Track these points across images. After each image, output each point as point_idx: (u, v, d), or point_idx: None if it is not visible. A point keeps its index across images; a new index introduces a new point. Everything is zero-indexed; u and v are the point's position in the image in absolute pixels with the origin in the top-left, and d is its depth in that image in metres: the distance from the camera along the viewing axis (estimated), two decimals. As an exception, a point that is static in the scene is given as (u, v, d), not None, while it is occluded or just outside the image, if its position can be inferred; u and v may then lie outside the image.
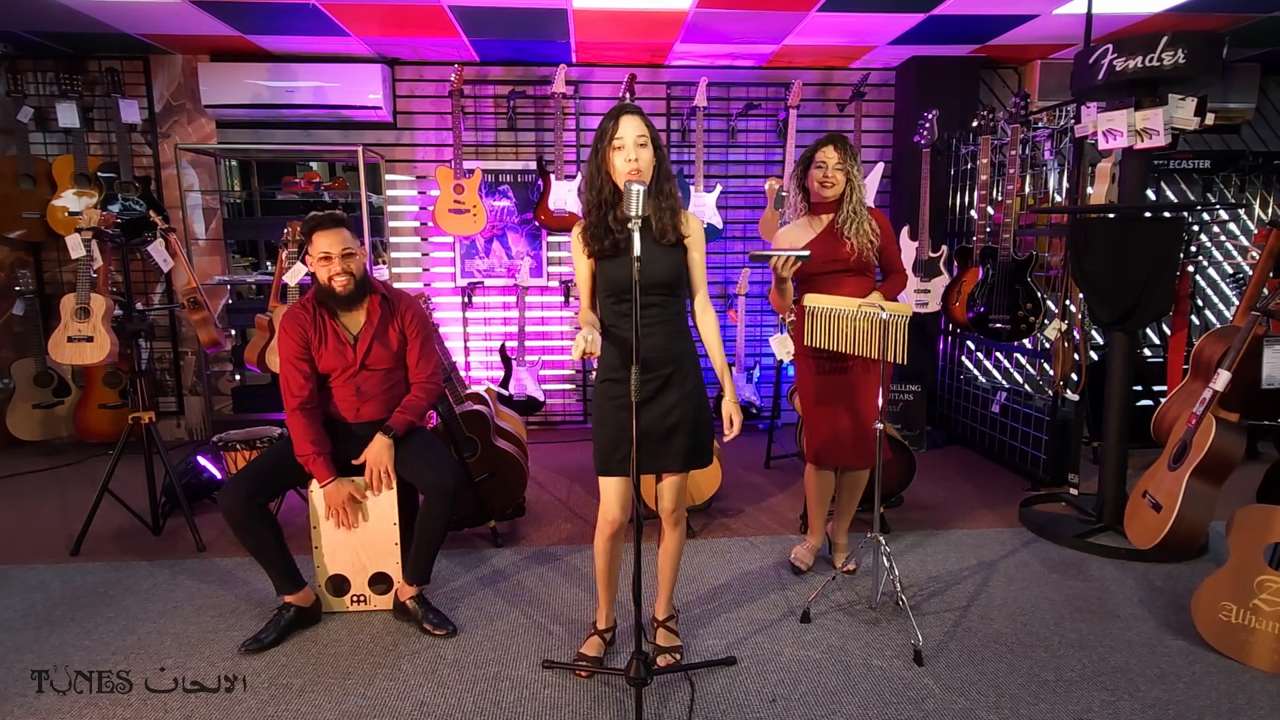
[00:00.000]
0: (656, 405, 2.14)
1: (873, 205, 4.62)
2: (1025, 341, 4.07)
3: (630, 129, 2.02)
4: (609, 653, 2.37)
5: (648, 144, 2.03)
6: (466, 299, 4.98)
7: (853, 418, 2.73)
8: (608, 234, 2.09)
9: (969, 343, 4.88)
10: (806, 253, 2.37)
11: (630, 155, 2.01)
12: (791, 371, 3.51)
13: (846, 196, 2.66)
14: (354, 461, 2.54)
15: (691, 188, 4.62)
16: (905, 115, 4.85)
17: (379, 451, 2.50)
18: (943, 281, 4.47)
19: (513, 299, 4.94)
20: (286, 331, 2.51)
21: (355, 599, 2.64)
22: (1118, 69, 2.91)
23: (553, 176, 4.56)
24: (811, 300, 2.48)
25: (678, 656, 2.30)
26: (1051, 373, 3.86)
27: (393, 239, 4.93)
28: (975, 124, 4.17)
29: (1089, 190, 3.58)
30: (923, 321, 4.73)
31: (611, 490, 2.18)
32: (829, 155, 2.63)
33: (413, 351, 2.63)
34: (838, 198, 2.66)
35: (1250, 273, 3.26)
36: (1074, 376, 3.76)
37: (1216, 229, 5.14)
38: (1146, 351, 4.73)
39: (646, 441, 2.12)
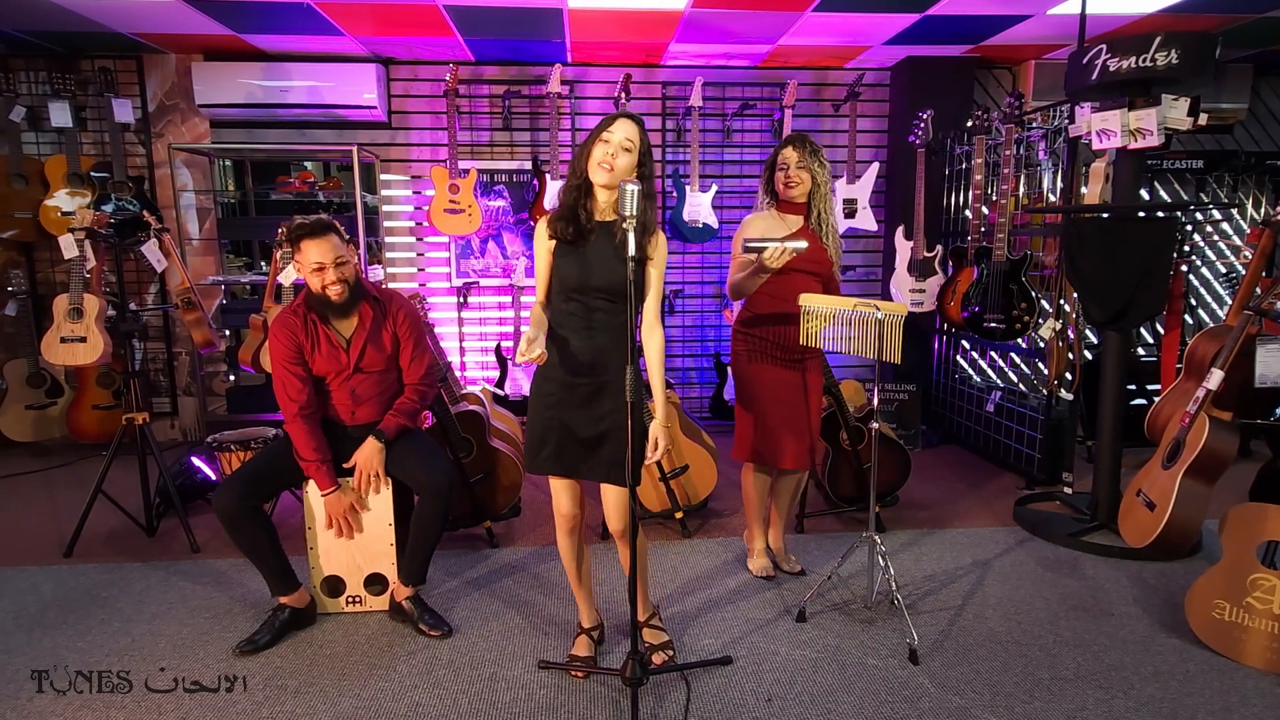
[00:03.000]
0: (587, 410, 2.12)
1: (868, 205, 4.71)
2: (1020, 341, 4.08)
3: (621, 130, 2.02)
4: (604, 652, 2.37)
5: (633, 150, 2.03)
6: (462, 299, 4.97)
7: (787, 415, 2.71)
8: (574, 219, 2.08)
9: (964, 342, 4.89)
10: (803, 244, 2.35)
11: (610, 151, 2.01)
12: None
13: (814, 196, 2.64)
14: (346, 465, 2.53)
15: (687, 187, 4.62)
16: (900, 115, 4.86)
17: (369, 455, 2.49)
18: (938, 281, 4.49)
19: (508, 299, 4.94)
20: (277, 338, 2.49)
21: (350, 600, 2.63)
22: (1111, 69, 2.92)
23: (548, 176, 4.56)
24: (807, 300, 2.48)
25: (670, 653, 2.31)
26: (1046, 372, 3.87)
27: (388, 239, 4.91)
28: (970, 124, 4.18)
29: (1083, 190, 3.59)
30: (918, 321, 4.74)
31: (557, 487, 2.19)
32: (789, 155, 2.62)
33: (405, 352, 2.62)
34: (805, 198, 2.65)
35: (1243, 272, 3.28)
36: (1068, 376, 3.78)
37: (1209, 229, 5.16)
38: (1140, 351, 4.75)
39: (572, 444, 2.12)
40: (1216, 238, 5.17)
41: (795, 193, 2.63)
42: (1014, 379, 5.06)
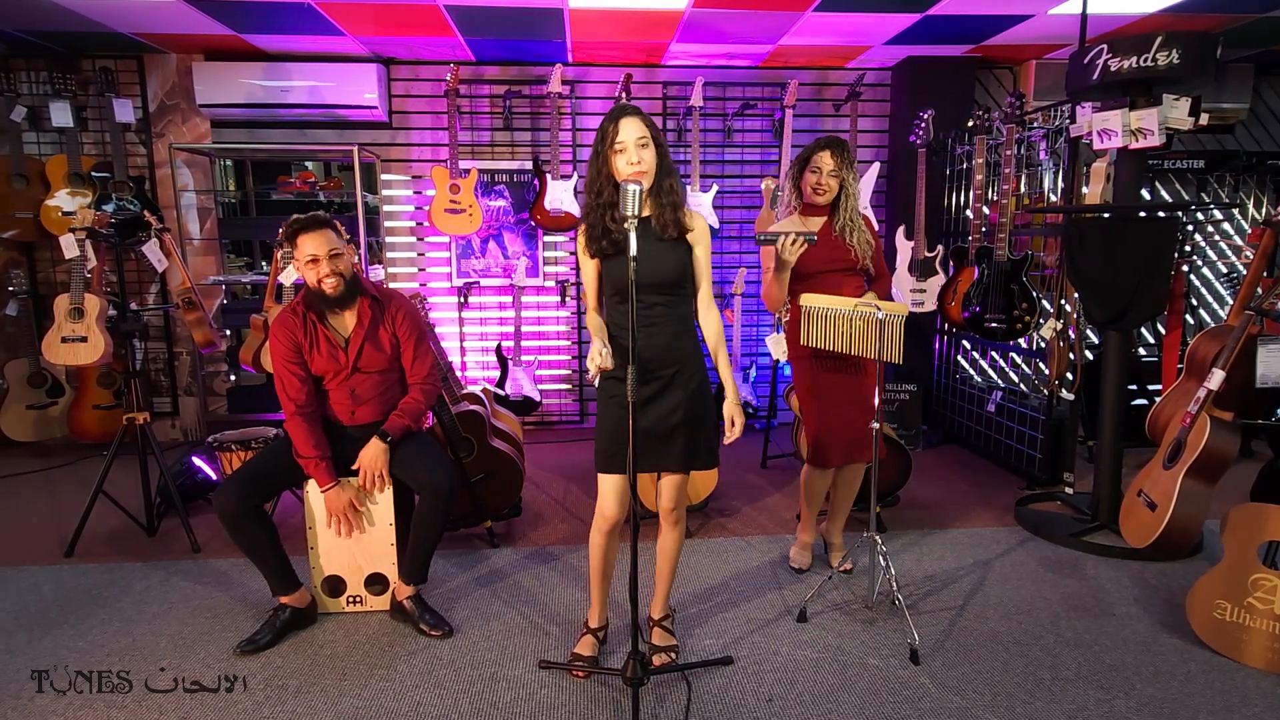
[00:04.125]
0: (659, 405, 2.13)
1: (868, 205, 4.71)
2: (1021, 341, 4.08)
3: (631, 131, 2.01)
4: (604, 652, 2.37)
5: (649, 144, 2.02)
6: (462, 299, 4.98)
7: (850, 415, 2.73)
8: (606, 234, 2.08)
9: (965, 342, 4.89)
10: (814, 234, 2.38)
11: (633, 158, 2.00)
12: (789, 371, 3.51)
13: (841, 203, 2.67)
14: (353, 466, 2.53)
15: (688, 187, 4.62)
16: (901, 115, 4.86)
17: (374, 456, 2.49)
18: (938, 281, 4.48)
19: (509, 299, 4.94)
20: (277, 337, 2.49)
21: (351, 600, 2.63)
22: (1112, 69, 2.92)
23: (549, 176, 4.56)
24: (808, 300, 2.48)
25: (673, 656, 2.30)
26: (1047, 372, 3.87)
27: (388, 239, 4.91)
28: (971, 124, 4.18)
29: (1084, 190, 3.59)
30: (919, 321, 4.74)
31: (609, 487, 2.18)
32: (825, 161, 2.62)
33: (407, 352, 2.61)
34: (830, 203, 2.68)
35: (1244, 272, 3.27)
36: (1069, 376, 3.77)
37: (1210, 229, 5.16)
38: (1141, 351, 4.75)
39: (648, 441, 2.12)
40: (1217, 238, 5.17)
41: (822, 199, 2.66)
42: (1015, 379, 5.05)
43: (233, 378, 4.79)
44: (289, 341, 2.48)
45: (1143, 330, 4.93)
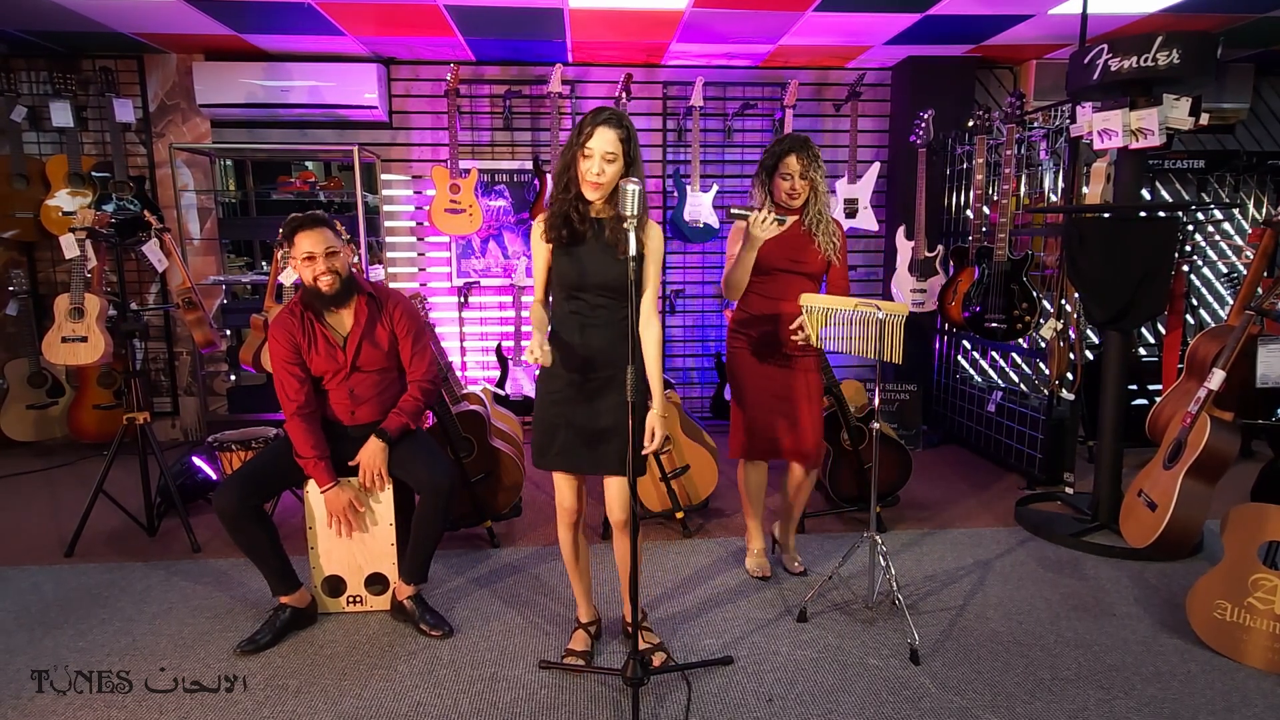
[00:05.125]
0: (591, 406, 2.13)
1: (868, 205, 4.71)
2: (1021, 341, 4.08)
3: (601, 142, 1.98)
4: (604, 651, 2.37)
5: (616, 160, 2.00)
6: (463, 299, 4.97)
7: (785, 411, 2.71)
8: (567, 223, 2.08)
9: (965, 342, 4.89)
10: (786, 218, 2.36)
11: (595, 168, 2.00)
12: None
13: (810, 201, 2.64)
14: (350, 464, 2.53)
15: (688, 187, 4.62)
16: (901, 115, 4.85)
17: (373, 454, 2.49)
18: (939, 281, 4.48)
19: (509, 299, 4.94)
20: (275, 337, 2.50)
21: (351, 600, 2.63)
22: (1113, 69, 2.92)
23: (549, 176, 4.56)
24: (807, 300, 2.48)
25: (665, 654, 2.31)
26: (1047, 372, 3.87)
27: (389, 239, 4.91)
28: (971, 124, 4.18)
29: (1084, 190, 3.58)
30: (919, 321, 4.74)
31: (561, 482, 2.22)
32: (792, 166, 2.56)
33: (405, 350, 2.62)
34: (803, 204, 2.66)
35: (1244, 272, 3.27)
36: (1069, 376, 3.77)
37: (1211, 229, 5.16)
38: (1141, 351, 4.75)
39: (578, 439, 2.13)
40: (1218, 238, 5.17)
41: (797, 203, 2.63)
42: (1015, 379, 5.05)
43: (233, 378, 4.79)
44: (288, 342, 2.49)
45: (1143, 330, 4.93)
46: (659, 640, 2.37)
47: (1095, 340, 4.79)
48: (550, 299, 2.22)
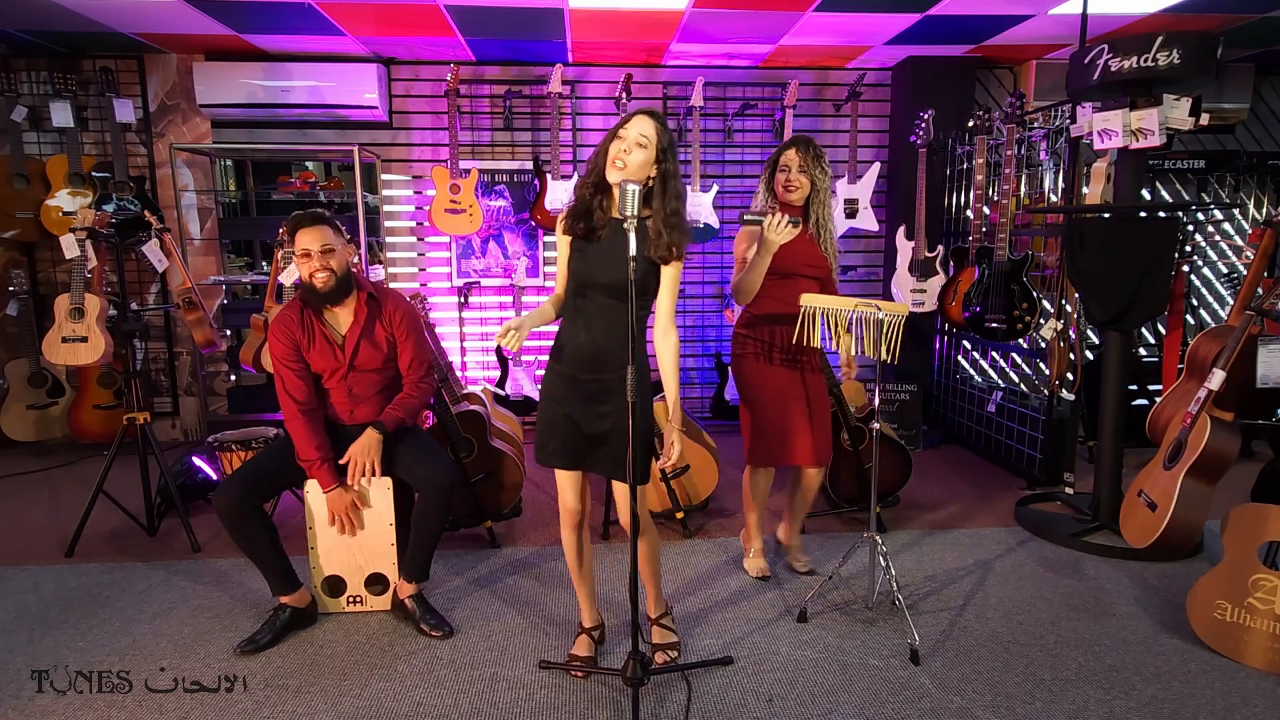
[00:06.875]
0: (590, 408, 2.12)
1: (868, 205, 4.71)
2: (1021, 341, 4.08)
3: (636, 126, 2.00)
4: (605, 651, 2.37)
5: (647, 146, 2.00)
6: (463, 299, 4.97)
7: (799, 413, 2.71)
8: (588, 215, 2.08)
9: (965, 342, 4.89)
10: (799, 219, 2.37)
11: (624, 148, 2.00)
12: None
13: (813, 202, 2.65)
14: (341, 461, 2.53)
15: (688, 187, 4.62)
16: (901, 115, 4.85)
17: (364, 445, 2.48)
18: (939, 281, 4.48)
19: (509, 299, 4.94)
20: (276, 336, 2.50)
21: (351, 600, 2.63)
22: (1113, 69, 2.92)
23: (549, 176, 4.56)
24: (808, 300, 2.48)
25: (674, 654, 2.31)
26: (1047, 372, 3.87)
27: (389, 239, 4.91)
28: (971, 124, 4.18)
29: (1084, 190, 3.58)
30: (919, 321, 4.74)
31: (563, 480, 2.20)
32: (791, 158, 2.61)
33: (404, 351, 2.62)
34: (804, 202, 2.66)
35: (1244, 272, 3.27)
36: (1069, 376, 3.77)
37: (1211, 229, 5.16)
38: (1142, 351, 4.74)
39: (577, 438, 2.12)
40: (1218, 238, 5.17)
41: (794, 196, 2.64)
42: (1015, 379, 5.05)
43: (233, 378, 4.79)
44: (288, 340, 2.49)
45: (1143, 330, 4.92)
46: (676, 639, 2.37)
47: (1095, 340, 4.79)
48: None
